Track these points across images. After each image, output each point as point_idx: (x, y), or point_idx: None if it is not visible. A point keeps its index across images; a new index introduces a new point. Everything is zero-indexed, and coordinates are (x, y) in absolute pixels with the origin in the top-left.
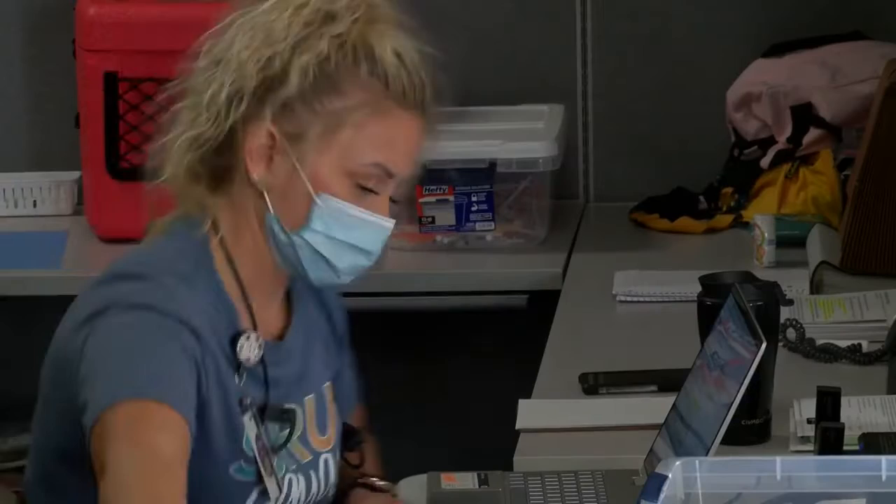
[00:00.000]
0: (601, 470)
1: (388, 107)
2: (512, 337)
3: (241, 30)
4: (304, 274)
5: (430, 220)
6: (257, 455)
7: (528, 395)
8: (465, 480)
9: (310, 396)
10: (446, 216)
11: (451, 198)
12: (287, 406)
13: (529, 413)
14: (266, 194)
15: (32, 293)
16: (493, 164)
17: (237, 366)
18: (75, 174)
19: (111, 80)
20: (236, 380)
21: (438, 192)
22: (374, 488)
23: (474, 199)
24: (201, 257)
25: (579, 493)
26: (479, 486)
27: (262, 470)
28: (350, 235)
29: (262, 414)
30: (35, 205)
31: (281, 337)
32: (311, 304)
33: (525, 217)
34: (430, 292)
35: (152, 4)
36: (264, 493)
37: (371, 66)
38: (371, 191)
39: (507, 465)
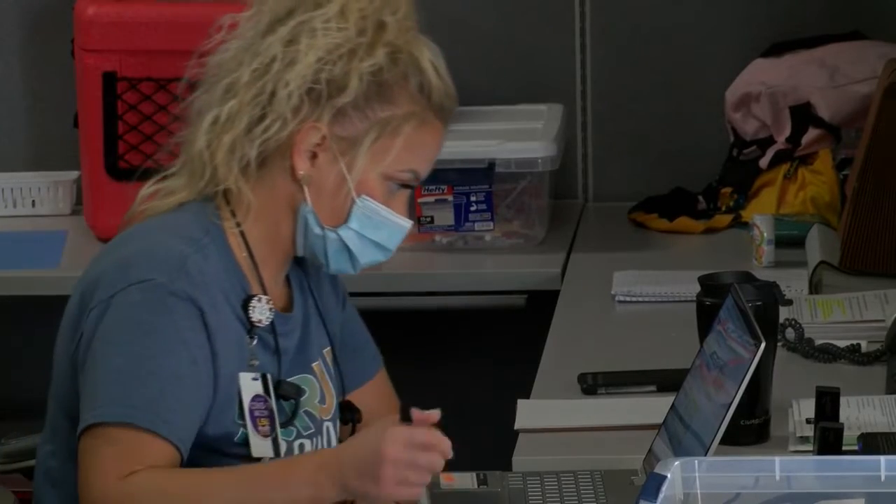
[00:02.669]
0: (600, 470)
1: (429, 118)
2: (511, 337)
3: (301, 32)
4: (323, 263)
5: (428, 219)
6: (247, 414)
7: (527, 396)
8: (464, 480)
9: (316, 363)
10: (445, 216)
11: (450, 198)
12: (298, 384)
13: (528, 413)
14: (306, 188)
15: (31, 293)
16: (491, 164)
17: (249, 328)
18: (74, 174)
19: (110, 79)
20: (248, 340)
21: (437, 191)
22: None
23: (473, 199)
24: (212, 228)
25: (578, 493)
26: (479, 486)
27: (249, 430)
28: (378, 234)
29: (277, 387)
30: (34, 205)
31: (287, 309)
32: (308, 279)
33: (524, 217)
34: (428, 292)
35: (151, 4)
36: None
37: (418, 78)
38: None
39: (507, 465)
